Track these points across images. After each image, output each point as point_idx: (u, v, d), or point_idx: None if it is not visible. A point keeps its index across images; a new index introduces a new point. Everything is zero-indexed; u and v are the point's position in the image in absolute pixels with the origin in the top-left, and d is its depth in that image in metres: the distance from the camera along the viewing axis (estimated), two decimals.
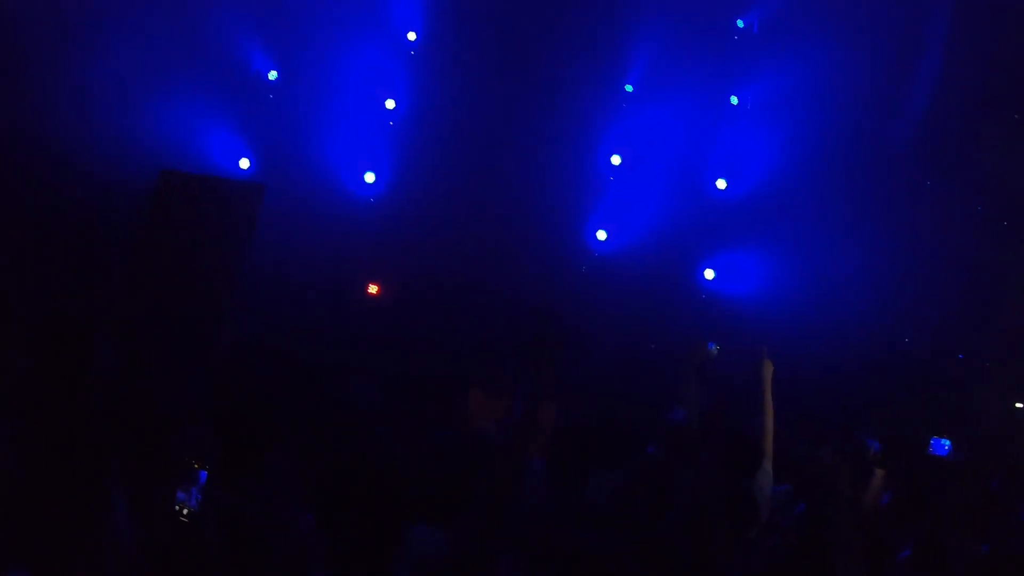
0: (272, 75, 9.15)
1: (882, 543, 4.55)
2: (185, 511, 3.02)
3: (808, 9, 8.81)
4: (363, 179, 9.15)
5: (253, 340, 5.41)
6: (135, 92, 8.11)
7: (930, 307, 8.11)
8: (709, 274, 9.05)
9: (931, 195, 8.28)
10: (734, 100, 9.17)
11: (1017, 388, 7.86)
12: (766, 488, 4.23)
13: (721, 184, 9.14)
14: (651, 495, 3.99)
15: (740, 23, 9.18)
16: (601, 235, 9.18)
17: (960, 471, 5.52)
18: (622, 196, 9.19)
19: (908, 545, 4.61)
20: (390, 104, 9.29)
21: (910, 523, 4.79)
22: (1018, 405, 7.82)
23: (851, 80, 8.47)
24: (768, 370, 4.60)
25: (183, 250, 4.44)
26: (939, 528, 4.67)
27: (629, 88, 9.26)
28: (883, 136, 8.70)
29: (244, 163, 8.97)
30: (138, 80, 8.15)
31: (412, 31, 9.35)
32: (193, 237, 4.43)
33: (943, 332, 8.14)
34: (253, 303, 6.90)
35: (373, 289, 9.13)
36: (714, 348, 5.07)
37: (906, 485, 5.09)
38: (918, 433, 5.73)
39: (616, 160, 9.26)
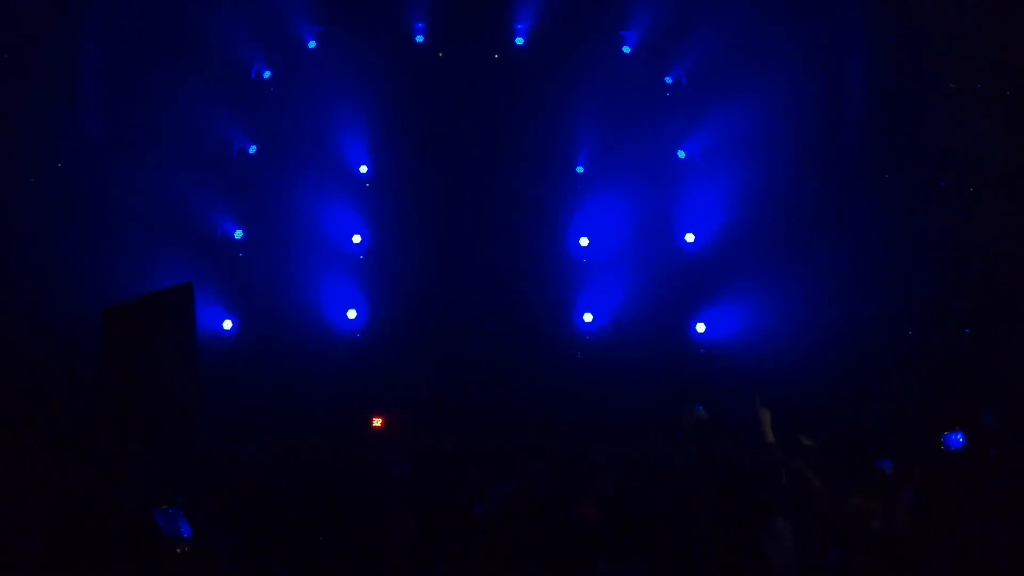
0: (238, 234, 9.34)
1: (921, 550, 4.36)
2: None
3: (729, 54, 9.00)
4: (345, 316, 9.23)
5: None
6: (99, 249, 8.27)
7: (926, 291, 7.97)
8: (701, 328, 8.97)
9: (893, 187, 8.27)
10: (681, 154, 9.29)
11: None
12: (787, 539, 4.13)
13: (690, 238, 9.17)
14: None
15: (668, 80, 9.40)
16: (588, 317, 9.14)
17: (988, 463, 5.29)
18: (599, 273, 9.19)
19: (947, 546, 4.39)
20: (356, 239, 9.44)
21: (945, 526, 4.57)
22: None
23: (788, 106, 8.56)
24: (766, 416, 4.65)
25: (140, 369, 4.55)
26: (975, 527, 4.45)
27: (580, 169, 9.40)
28: (834, 146, 8.75)
29: (227, 324, 9.07)
30: (102, 240, 8.34)
31: (364, 164, 9.59)
32: (143, 353, 4.56)
33: (943, 313, 7.95)
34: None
35: (377, 422, 9.04)
36: (701, 410, 5.20)
37: (933, 491, 4.88)
38: (933, 433, 5.49)
39: (584, 242, 9.31)
